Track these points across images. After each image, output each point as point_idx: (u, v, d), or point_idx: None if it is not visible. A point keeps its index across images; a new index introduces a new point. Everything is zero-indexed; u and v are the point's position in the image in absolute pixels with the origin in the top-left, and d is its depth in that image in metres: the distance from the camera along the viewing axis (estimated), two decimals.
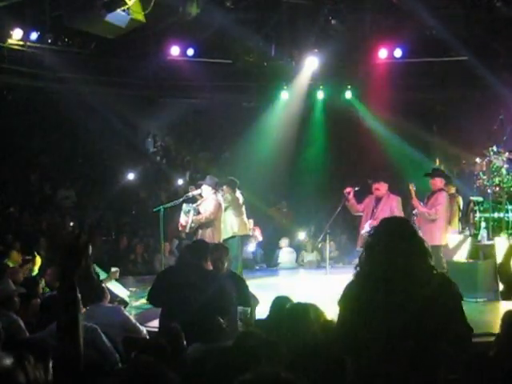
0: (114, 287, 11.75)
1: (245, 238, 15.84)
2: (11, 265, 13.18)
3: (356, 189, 12.97)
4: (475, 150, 16.73)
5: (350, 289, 4.68)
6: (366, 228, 12.15)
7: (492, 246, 13.70)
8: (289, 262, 19.65)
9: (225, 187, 14.52)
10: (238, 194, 15.05)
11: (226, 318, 7.26)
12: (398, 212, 12.22)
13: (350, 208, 12.99)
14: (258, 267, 19.12)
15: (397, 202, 12.51)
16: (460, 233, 14.53)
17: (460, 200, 15.00)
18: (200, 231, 13.82)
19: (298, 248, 20.06)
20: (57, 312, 3.78)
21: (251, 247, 19.10)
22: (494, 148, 14.70)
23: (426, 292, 4.38)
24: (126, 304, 11.27)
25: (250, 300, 8.76)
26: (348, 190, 12.84)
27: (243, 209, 15.07)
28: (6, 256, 13.81)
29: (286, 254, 19.77)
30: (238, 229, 14.74)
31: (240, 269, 14.66)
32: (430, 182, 12.87)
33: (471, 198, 15.22)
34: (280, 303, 7.94)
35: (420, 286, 4.40)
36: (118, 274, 12.07)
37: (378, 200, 12.56)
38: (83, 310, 7.94)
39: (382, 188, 12.53)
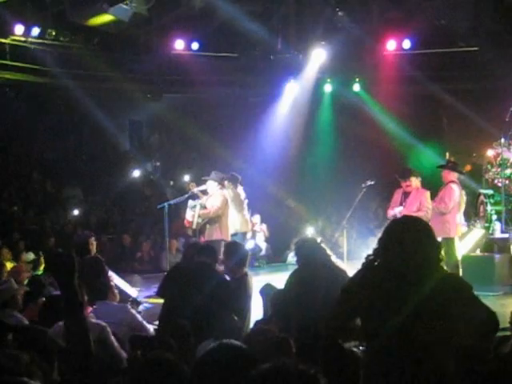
0: (125, 286, 11.57)
1: (246, 235, 15.62)
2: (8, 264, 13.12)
3: (372, 183, 12.91)
4: (486, 142, 16.53)
5: (361, 275, 4.71)
6: (391, 213, 12.22)
7: (507, 239, 13.59)
8: None
9: (226, 182, 14.35)
10: (240, 189, 14.89)
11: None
12: (427, 205, 12.26)
13: None
14: (256, 264, 18.70)
15: (425, 197, 12.47)
16: (469, 226, 14.39)
17: (463, 193, 14.86)
18: (208, 227, 13.59)
19: None
20: (61, 311, 3.85)
21: (250, 244, 18.79)
22: (502, 140, 14.59)
23: (438, 284, 4.39)
24: (138, 304, 11.23)
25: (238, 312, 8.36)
26: None
27: (245, 205, 14.95)
28: None
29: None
30: (240, 226, 14.61)
31: None
32: (442, 174, 12.70)
33: (480, 190, 15.07)
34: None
35: (432, 279, 4.41)
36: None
37: (407, 194, 12.56)
38: (89, 308, 7.80)
39: (412, 183, 12.54)
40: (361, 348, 5.22)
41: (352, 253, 17.70)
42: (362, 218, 17.36)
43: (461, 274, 11.87)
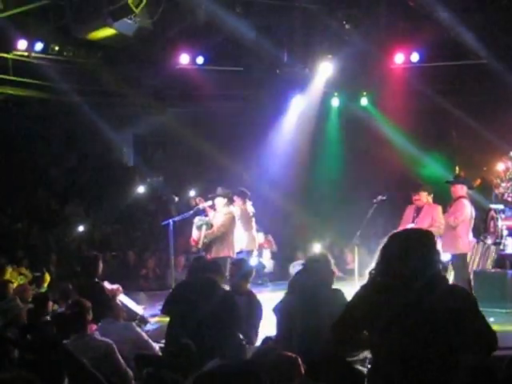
0: (131, 304, 11.44)
1: (250, 253, 15.36)
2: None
3: (384, 198, 12.80)
4: (496, 156, 16.38)
5: (364, 290, 4.81)
6: None
7: None
8: None
9: (235, 198, 14.19)
10: (249, 205, 14.67)
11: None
12: (439, 220, 12.22)
13: None
14: (260, 281, 18.44)
15: (437, 211, 12.43)
16: (478, 242, 14.24)
17: (472, 208, 14.75)
18: (214, 247, 13.38)
19: None
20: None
21: (253, 261, 18.57)
22: (511, 153, 14.52)
23: (442, 299, 4.45)
24: (146, 322, 11.22)
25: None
26: None
27: (253, 222, 14.71)
28: None
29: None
30: (246, 244, 14.42)
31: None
32: (450, 189, 12.57)
33: (491, 205, 14.94)
34: None
35: (434, 293, 4.48)
36: (119, 291, 11.62)
37: (419, 209, 12.49)
38: (94, 326, 7.72)
39: (421, 198, 12.48)
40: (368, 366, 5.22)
41: (363, 269, 17.50)
42: (372, 233, 17.10)
43: (472, 290, 11.72)
